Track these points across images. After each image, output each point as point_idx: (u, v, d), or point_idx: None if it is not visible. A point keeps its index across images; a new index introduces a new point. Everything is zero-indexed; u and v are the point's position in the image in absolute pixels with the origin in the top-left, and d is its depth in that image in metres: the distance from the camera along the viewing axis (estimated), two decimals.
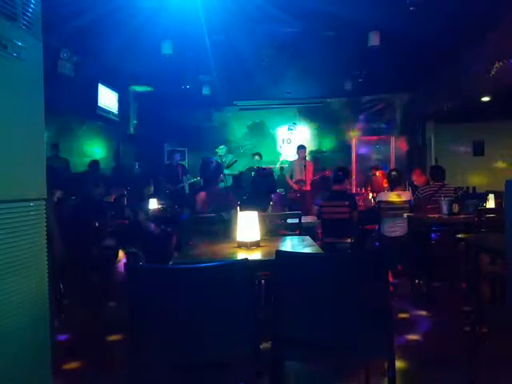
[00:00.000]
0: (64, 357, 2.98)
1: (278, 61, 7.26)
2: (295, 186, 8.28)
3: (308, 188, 8.00)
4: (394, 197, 5.16)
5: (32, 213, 1.99)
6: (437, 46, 6.51)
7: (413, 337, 3.37)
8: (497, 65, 6.05)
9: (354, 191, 8.89)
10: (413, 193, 5.58)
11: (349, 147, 10.92)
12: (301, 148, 8.67)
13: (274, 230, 3.59)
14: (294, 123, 11.18)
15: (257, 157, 8.02)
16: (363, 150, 10.88)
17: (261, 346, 1.77)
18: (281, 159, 11.15)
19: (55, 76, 6.06)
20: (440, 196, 4.73)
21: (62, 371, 2.79)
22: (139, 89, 9.33)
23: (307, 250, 2.48)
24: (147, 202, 5.81)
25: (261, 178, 4.21)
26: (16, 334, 1.86)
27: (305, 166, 8.25)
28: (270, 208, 4.24)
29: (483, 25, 5.73)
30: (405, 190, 5.52)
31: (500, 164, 9.47)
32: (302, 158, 8.51)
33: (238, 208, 3.93)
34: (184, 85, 8.57)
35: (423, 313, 3.93)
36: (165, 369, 1.72)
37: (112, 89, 8.28)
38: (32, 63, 2.03)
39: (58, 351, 2.61)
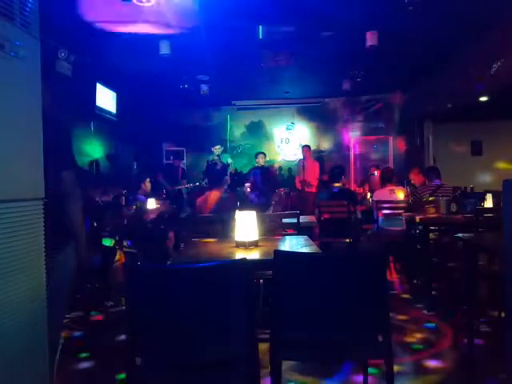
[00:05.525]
0: (64, 357, 2.97)
1: (276, 61, 7.25)
2: (298, 186, 8.30)
3: (312, 189, 7.99)
4: (388, 194, 5.18)
5: (29, 212, 1.99)
6: (435, 45, 6.51)
7: (411, 337, 3.37)
8: (496, 64, 6.05)
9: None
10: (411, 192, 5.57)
11: (347, 147, 10.93)
12: (302, 147, 8.72)
13: (273, 230, 3.59)
14: (293, 123, 11.19)
15: (261, 156, 7.84)
16: (361, 150, 10.88)
17: (259, 346, 1.77)
18: (279, 159, 11.15)
19: (53, 75, 6.03)
20: (438, 196, 4.73)
21: (64, 371, 2.78)
22: (137, 88, 9.30)
23: (305, 250, 2.48)
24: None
25: (261, 177, 4.19)
26: (14, 333, 1.86)
27: (303, 166, 8.25)
28: (270, 208, 4.24)
29: (481, 24, 5.73)
30: (398, 186, 5.52)
31: (498, 164, 9.49)
32: (304, 157, 8.53)
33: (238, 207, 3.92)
34: (182, 84, 8.56)
35: (421, 312, 3.94)
36: (162, 369, 1.71)
37: (110, 88, 8.25)
38: (29, 62, 2.02)
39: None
